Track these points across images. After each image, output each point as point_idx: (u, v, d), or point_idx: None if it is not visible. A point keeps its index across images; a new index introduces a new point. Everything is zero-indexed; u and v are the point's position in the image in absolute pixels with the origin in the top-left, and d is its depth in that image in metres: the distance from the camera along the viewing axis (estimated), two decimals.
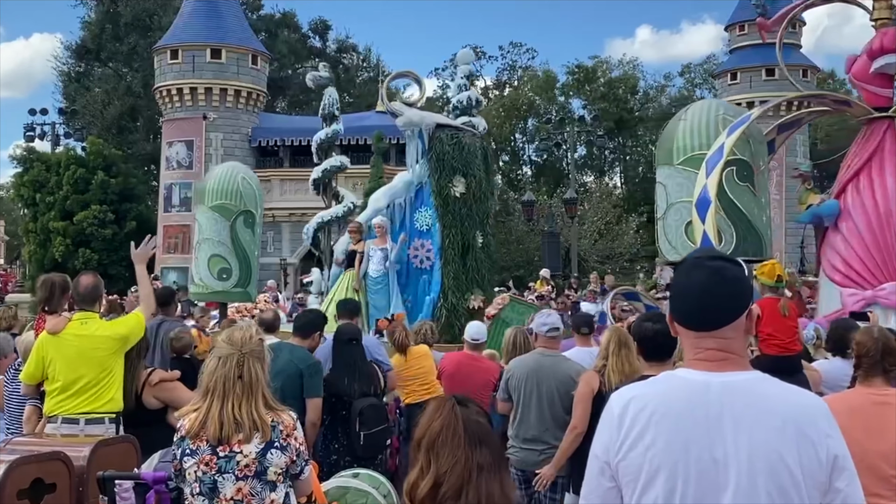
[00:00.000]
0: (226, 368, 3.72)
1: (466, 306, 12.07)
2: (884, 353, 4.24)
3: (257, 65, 41.24)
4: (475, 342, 8.02)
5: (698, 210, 9.93)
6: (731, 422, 2.23)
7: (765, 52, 46.24)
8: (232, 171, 13.56)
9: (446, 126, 13.07)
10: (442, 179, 12.56)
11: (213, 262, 12.87)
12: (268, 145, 40.67)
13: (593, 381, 5.75)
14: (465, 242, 12.42)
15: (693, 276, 2.37)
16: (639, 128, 67.22)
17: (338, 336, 7.14)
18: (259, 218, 13.54)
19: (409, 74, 14.16)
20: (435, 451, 2.55)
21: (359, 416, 6.68)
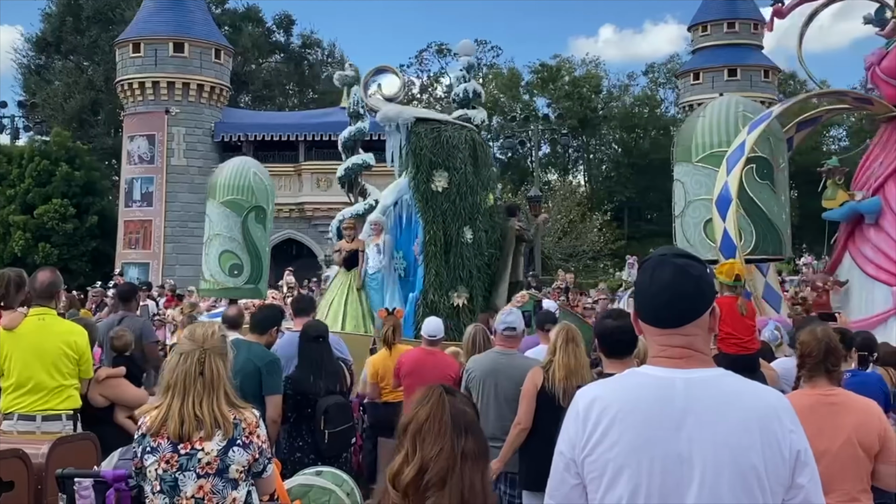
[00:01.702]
0: (186, 365, 3.69)
1: (450, 304, 11.96)
2: (826, 354, 4.29)
3: (220, 59, 40.92)
4: (432, 338, 8.03)
5: (718, 208, 9.85)
6: (695, 418, 2.25)
7: (727, 52, 46.79)
8: (243, 165, 13.40)
9: (428, 120, 12.93)
10: (420, 174, 12.46)
11: (224, 258, 12.72)
12: (231, 140, 40.36)
13: (537, 378, 5.78)
14: (447, 238, 12.22)
15: (659, 273, 2.38)
16: (602, 127, 67.63)
17: (304, 333, 7.10)
18: (270, 213, 13.40)
19: (389, 69, 14.06)
20: (421, 437, 2.56)
21: (324, 414, 6.66)
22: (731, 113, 11.20)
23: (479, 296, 12.20)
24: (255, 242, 12.83)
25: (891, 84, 10.91)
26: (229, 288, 12.84)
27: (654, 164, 62.78)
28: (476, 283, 12.29)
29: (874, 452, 4.09)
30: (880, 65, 10.93)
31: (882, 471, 4.14)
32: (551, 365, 5.75)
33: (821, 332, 4.45)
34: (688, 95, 48.61)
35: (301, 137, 39.14)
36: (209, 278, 12.97)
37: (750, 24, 47.69)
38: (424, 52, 68.22)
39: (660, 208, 64.47)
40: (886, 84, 10.95)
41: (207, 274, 13.05)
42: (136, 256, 38.65)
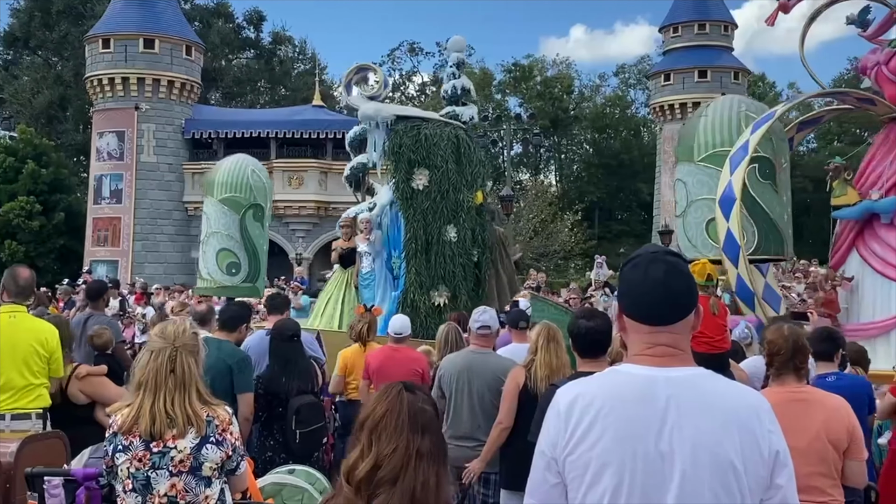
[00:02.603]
0: (157, 362, 3.67)
1: (431, 303, 11.92)
2: (794, 352, 4.33)
3: (191, 55, 40.65)
4: (398, 336, 8.06)
5: (722, 207, 9.80)
6: (676, 417, 2.25)
7: (698, 54, 47.11)
8: (241, 163, 13.29)
9: (409, 117, 12.86)
10: (400, 172, 12.40)
11: (221, 257, 12.62)
12: (201, 137, 40.12)
13: (519, 377, 5.78)
14: (428, 237, 12.14)
15: (653, 271, 2.36)
16: (574, 127, 67.94)
17: (276, 332, 7.06)
18: (268, 211, 13.28)
19: (370, 68, 13.98)
20: (377, 433, 2.55)
21: (295, 414, 6.63)
22: (733, 112, 11.17)
23: (463, 294, 12.05)
24: (252, 240, 12.76)
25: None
26: (227, 286, 12.74)
27: (624, 165, 63.20)
28: (460, 281, 12.16)
29: (843, 448, 4.14)
30: (888, 64, 10.84)
31: (850, 466, 4.20)
32: (533, 364, 5.76)
33: (788, 330, 4.48)
34: (658, 96, 48.89)
35: (272, 135, 38.97)
36: (207, 277, 12.87)
37: (720, 26, 48.06)
38: (396, 51, 68.24)
39: (629, 208, 64.93)
40: (892, 84, 10.81)
41: (205, 272, 12.94)
42: (105, 254, 38.32)
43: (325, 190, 39.31)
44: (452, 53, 14.70)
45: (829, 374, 5.73)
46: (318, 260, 40.02)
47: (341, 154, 39.69)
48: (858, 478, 4.27)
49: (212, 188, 12.99)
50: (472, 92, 14.48)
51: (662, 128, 49.09)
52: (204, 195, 13.39)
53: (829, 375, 5.70)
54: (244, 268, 12.62)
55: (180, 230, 39.80)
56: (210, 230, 12.80)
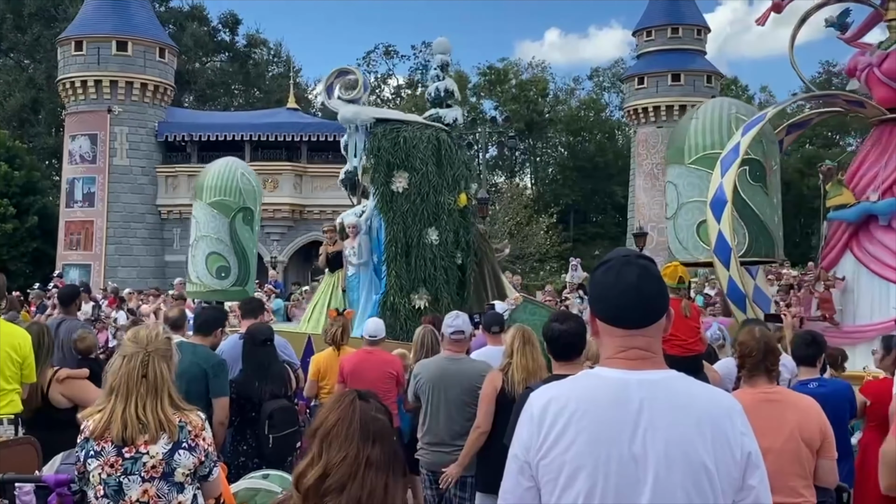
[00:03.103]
0: (130, 367, 3.66)
1: (411, 306, 11.89)
2: (765, 353, 4.38)
3: (164, 58, 40.42)
4: (373, 339, 8.08)
5: (713, 210, 9.78)
6: (649, 419, 2.26)
7: (671, 57, 47.40)
8: (231, 166, 13.18)
9: (388, 120, 12.82)
10: (379, 175, 12.36)
11: (211, 260, 12.51)
12: (175, 140, 39.91)
13: (497, 380, 5.78)
14: (408, 240, 12.09)
15: (626, 274, 2.37)
16: (549, 130, 68.14)
17: (250, 336, 7.03)
18: (258, 215, 13.19)
19: (351, 71, 13.92)
20: (328, 441, 2.54)
21: (268, 418, 6.61)
22: (723, 115, 11.18)
23: (445, 297, 11.97)
24: (242, 244, 12.68)
25: (889, 86, 10.82)
26: (216, 290, 12.65)
27: (599, 168, 63.45)
28: (441, 284, 12.09)
29: (816, 448, 4.19)
30: (881, 66, 10.81)
31: (822, 466, 4.24)
32: (510, 367, 5.76)
33: (758, 332, 4.53)
34: (632, 100, 49.13)
35: (246, 137, 38.80)
36: (196, 280, 12.77)
37: (693, 30, 48.38)
38: (372, 54, 68.21)
39: (604, 211, 65.19)
40: (884, 86, 10.84)
41: (194, 276, 12.85)
42: (78, 258, 38.00)
43: (300, 193, 39.20)
44: (437, 55, 14.66)
45: (812, 381, 5.73)
46: (294, 263, 39.91)
47: (316, 157, 39.64)
48: (830, 477, 4.32)
49: (201, 191, 12.90)
50: (455, 94, 14.43)
51: (636, 131, 49.33)
52: (193, 199, 13.29)
53: (811, 382, 5.71)
54: (234, 271, 12.55)
55: (153, 234, 39.54)
56: (199, 234, 12.72)
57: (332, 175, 39.32)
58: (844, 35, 11.59)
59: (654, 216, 46.61)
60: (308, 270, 42.19)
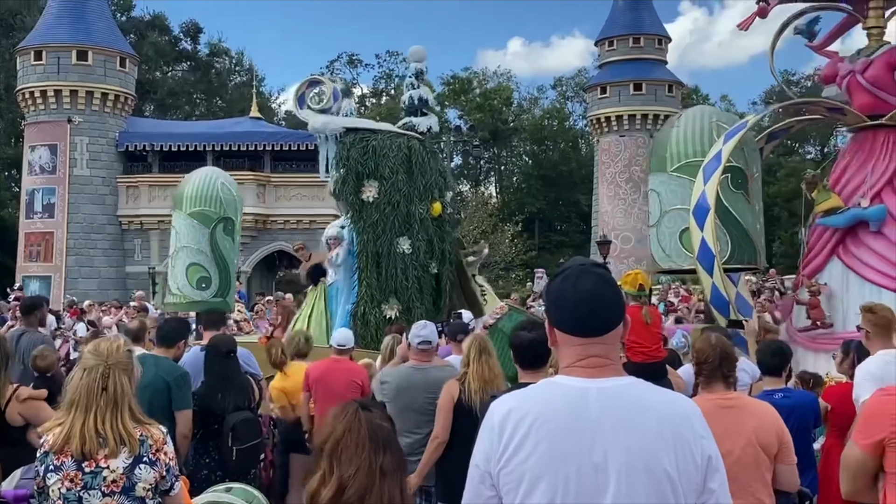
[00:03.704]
0: (90, 380, 3.61)
1: (382, 315, 11.82)
2: (722, 360, 4.42)
3: (125, 67, 40.07)
4: (341, 348, 8.12)
5: (696, 217, 9.81)
6: (609, 427, 2.27)
7: (633, 67, 47.84)
8: (211, 175, 13.02)
9: (358, 129, 12.75)
10: (348, 185, 12.30)
11: (191, 271, 12.33)
12: (136, 150, 39.52)
13: (453, 390, 5.78)
14: (378, 250, 12.06)
15: (583, 283, 2.39)
16: (513, 138, 68.41)
17: (212, 348, 6.97)
18: (238, 225, 13.06)
19: (322, 80, 13.84)
20: (337, 455, 2.52)
21: (231, 430, 6.55)
22: (705, 123, 11.25)
23: (418, 307, 11.87)
24: (223, 255, 12.53)
25: (871, 93, 10.88)
26: (197, 301, 12.50)
27: (563, 176, 63.77)
28: (413, 294, 12.00)
29: (774, 453, 4.22)
30: (864, 73, 10.88)
31: (781, 471, 4.28)
32: (466, 377, 5.76)
33: (715, 339, 4.57)
34: (595, 109, 49.50)
35: (209, 147, 38.52)
36: (176, 291, 12.60)
37: (655, 40, 48.86)
38: (336, 62, 68.14)
39: (568, 219, 65.50)
40: (865, 93, 10.91)
41: (174, 287, 12.68)
42: (38, 269, 37.53)
43: (264, 203, 38.98)
44: (412, 63, 14.62)
45: (777, 392, 5.73)
46: (257, 273, 39.65)
47: (280, 166, 39.46)
48: (790, 481, 4.36)
49: (180, 202, 12.76)
50: (431, 102, 14.39)
51: (599, 140, 49.68)
52: (172, 209, 13.13)
53: (776, 392, 5.71)
54: (214, 282, 12.41)
55: (114, 245, 39.14)
56: (179, 245, 12.56)
57: (296, 185, 39.40)
58: (812, 43, 11.68)
59: (617, 224, 46.95)
60: (272, 281, 41.97)
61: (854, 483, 3.21)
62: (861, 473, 3.18)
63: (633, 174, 47.74)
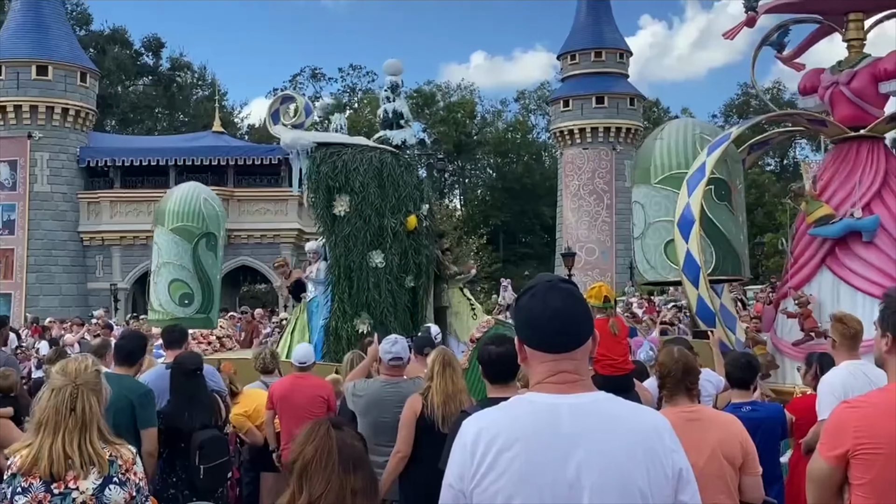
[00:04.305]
0: (58, 400, 3.58)
1: (355, 330, 11.75)
2: (684, 373, 4.45)
3: (86, 82, 39.71)
4: (302, 365, 8.08)
5: (681, 229, 9.78)
6: (581, 443, 2.28)
7: (595, 80, 48.25)
8: (193, 191, 12.88)
9: (329, 144, 12.69)
10: (319, 199, 12.24)
11: (174, 288, 12.17)
12: (97, 165, 39.14)
13: (416, 405, 5.78)
14: (350, 264, 11.96)
15: (552, 299, 2.39)
16: (477, 151, 68.59)
17: (178, 366, 6.91)
18: (221, 240, 12.94)
19: (294, 96, 13.80)
20: (308, 475, 2.49)
21: (199, 449, 6.49)
22: (688, 135, 11.28)
23: (391, 321, 11.75)
24: (206, 270, 12.41)
25: (854, 104, 10.81)
26: (179, 318, 12.36)
27: (527, 189, 64.03)
28: (387, 308, 11.89)
29: (738, 464, 4.25)
30: (849, 84, 10.90)
31: (746, 482, 4.31)
32: (429, 391, 5.76)
33: (677, 352, 4.60)
34: (558, 122, 49.82)
35: (171, 162, 38.26)
36: (158, 308, 12.45)
37: (616, 54, 49.32)
38: (299, 76, 67.97)
39: (533, 231, 65.76)
40: (849, 105, 10.85)
41: (156, 304, 12.52)
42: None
43: (227, 217, 38.67)
44: (387, 77, 14.58)
45: (745, 405, 5.74)
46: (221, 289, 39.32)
47: (243, 180, 39.26)
48: (754, 493, 4.39)
49: (162, 217, 12.63)
50: (406, 115, 14.36)
51: (563, 152, 49.98)
52: (154, 225, 13.00)
53: (744, 405, 5.72)
54: (197, 298, 12.29)
55: (76, 261, 38.69)
56: (161, 260, 12.42)
57: (260, 199, 39.22)
58: (782, 54, 11.79)
59: (581, 236, 47.23)
60: (236, 296, 41.68)
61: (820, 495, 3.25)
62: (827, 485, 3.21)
63: (597, 186, 48.08)
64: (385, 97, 14.42)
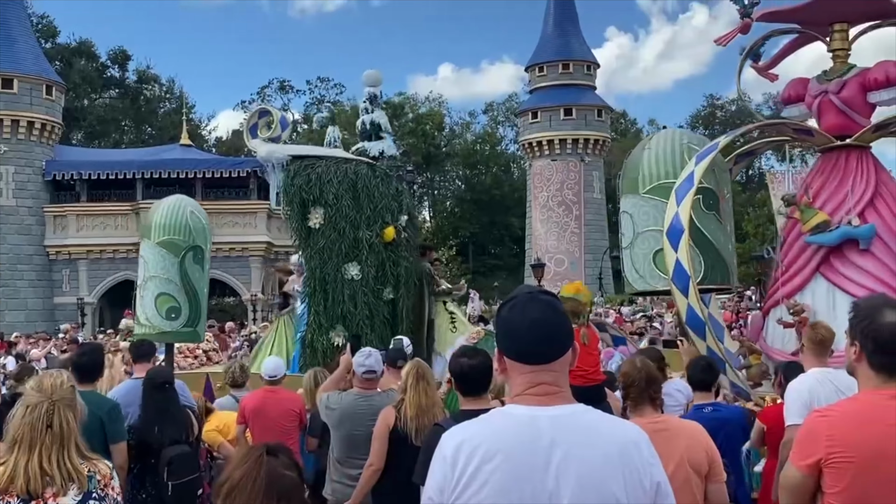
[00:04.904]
0: (33, 417, 3.54)
1: (330, 343, 11.68)
2: (648, 382, 4.49)
3: (52, 95, 39.39)
4: (272, 378, 8.05)
5: (670, 239, 9.78)
6: (561, 455, 2.29)
7: (563, 92, 48.56)
8: (180, 203, 12.76)
9: (304, 157, 12.64)
10: (294, 212, 12.21)
11: (160, 301, 12.02)
12: (63, 179, 38.80)
13: (389, 418, 5.77)
14: (324, 276, 11.92)
15: (531, 311, 2.40)
16: (446, 163, 68.71)
17: (149, 380, 6.85)
18: (208, 253, 12.86)
19: (270, 111, 13.74)
20: (231, 499, 2.47)
21: (168, 465, 6.44)
22: (675, 145, 11.32)
23: (368, 334, 11.61)
24: (193, 284, 12.29)
25: (843, 114, 10.85)
26: (166, 332, 12.25)
27: (495, 200, 64.22)
28: (363, 321, 11.80)
29: (704, 473, 4.27)
30: (839, 93, 10.94)
31: (711, 490, 4.34)
32: (402, 404, 5.75)
33: (639, 362, 4.65)
34: (527, 133, 50.05)
35: (138, 175, 37.99)
36: (145, 322, 12.31)
37: (583, 66, 49.67)
38: (266, 89, 67.82)
39: (502, 243, 65.92)
40: (838, 114, 10.89)
41: (143, 318, 12.39)
42: None
43: None
44: (366, 88, 14.53)
45: (707, 405, 5.89)
46: None
47: (211, 193, 39.05)
48: (720, 498, 4.42)
49: (148, 231, 12.51)
50: (384, 126, 14.31)
51: (531, 164, 50.20)
52: (140, 238, 12.92)
53: (706, 406, 5.87)
54: (184, 312, 12.14)
55: (41, 276, 38.27)
56: (148, 274, 12.29)
57: (228, 212, 39.02)
58: (758, 64, 11.89)
59: (550, 247, 47.40)
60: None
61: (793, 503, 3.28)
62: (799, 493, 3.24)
63: (566, 197, 48.31)
64: (364, 108, 14.40)
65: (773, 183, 32.32)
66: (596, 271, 44.01)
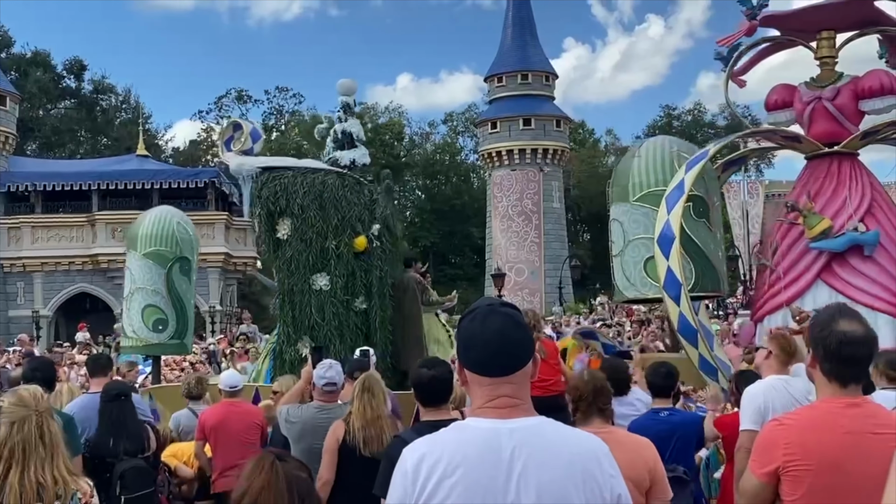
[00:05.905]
0: (24, 432, 3.50)
1: (298, 354, 11.57)
2: (596, 394, 4.51)
3: (6, 105, 38.80)
4: (232, 390, 8.00)
5: (661, 246, 9.78)
6: (521, 467, 2.29)
7: (522, 102, 48.82)
8: (166, 215, 12.59)
9: (273, 168, 12.55)
10: (262, 223, 12.12)
11: (147, 313, 11.84)
12: (18, 190, 38.18)
13: (339, 431, 5.77)
14: (292, 287, 11.75)
15: (490, 322, 2.40)
16: (406, 173, 68.67)
17: (105, 393, 6.76)
18: (195, 265, 12.65)
19: (241, 123, 13.62)
20: None
21: (120, 479, 6.35)
22: (665, 153, 11.34)
23: (337, 345, 11.43)
24: (180, 295, 12.15)
25: (835, 121, 10.97)
26: (154, 344, 12.07)
27: (456, 210, 64.33)
28: (331, 331, 11.56)
29: (645, 488, 4.19)
30: (833, 100, 10.92)
31: None
32: (350, 416, 5.76)
33: (588, 375, 4.70)
34: (486, 143, 50.21)
35: (94, 186, 37.52)
36: (132, 335, 12.14)
37: (542, 76, 49.98)
38: (224, 98, 67.38)
39: (462, 253, 66.00)
40: (830, 120, 11.00)
41: (129, 330, 12.21)
42: None
43: None
44: (340, 97, 14.45)
45: (664, 410, 5.98)
46: None
47: (169, 204, 38.60)
48: None
49: (134, 242, 12.35)
50: (356, 135, 14.25)
51: (491, 174, 50.37)
52: (126, 250, 12.71)
53: (663, 410, 5.96)
54: (171, 324, 12.01)
55: None
56: (134, 286, 12.13)
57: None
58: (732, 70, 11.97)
59: (511, 257, 47.54)
60: None
61: None
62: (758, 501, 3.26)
63: (525, 207, 48.52)
64: (338, 117, 14.35)
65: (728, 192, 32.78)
66: (556, 280, 44.14)
